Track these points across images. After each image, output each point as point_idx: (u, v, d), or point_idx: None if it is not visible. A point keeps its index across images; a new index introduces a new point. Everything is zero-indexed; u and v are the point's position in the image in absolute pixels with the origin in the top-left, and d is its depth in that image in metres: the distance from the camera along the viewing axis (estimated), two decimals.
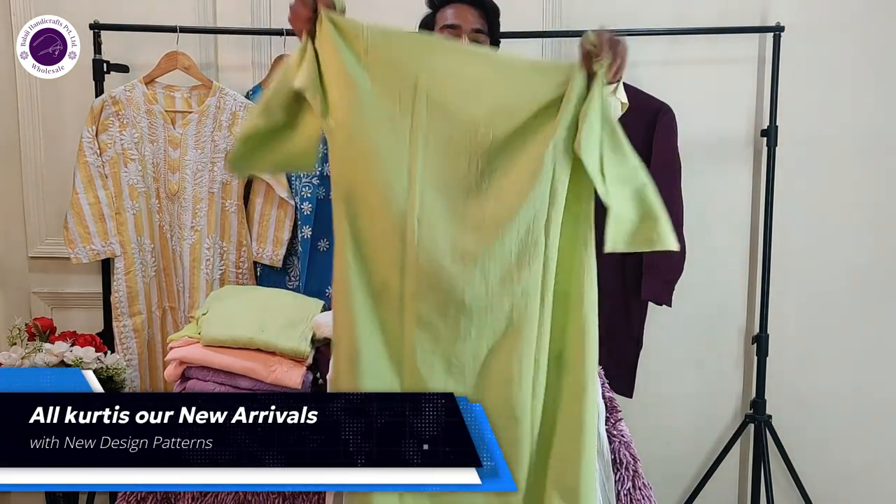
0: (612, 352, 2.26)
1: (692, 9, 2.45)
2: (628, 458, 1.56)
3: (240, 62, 2.49)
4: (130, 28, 2.35)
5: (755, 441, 2.49)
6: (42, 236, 2.56)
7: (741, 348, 2.60)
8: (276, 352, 1.68)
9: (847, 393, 2.58)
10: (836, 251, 2.54)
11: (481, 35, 1.81)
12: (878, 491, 2.62)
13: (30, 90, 2.48)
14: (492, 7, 1.83)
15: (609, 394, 1.67)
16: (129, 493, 1.50)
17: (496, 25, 1.86)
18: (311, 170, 2.21)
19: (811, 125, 2.49)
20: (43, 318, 2.17)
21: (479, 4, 1.81)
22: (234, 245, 2.36)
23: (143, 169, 2.34)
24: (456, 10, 1.81)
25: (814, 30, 2.44)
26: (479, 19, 1.80)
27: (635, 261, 2.35)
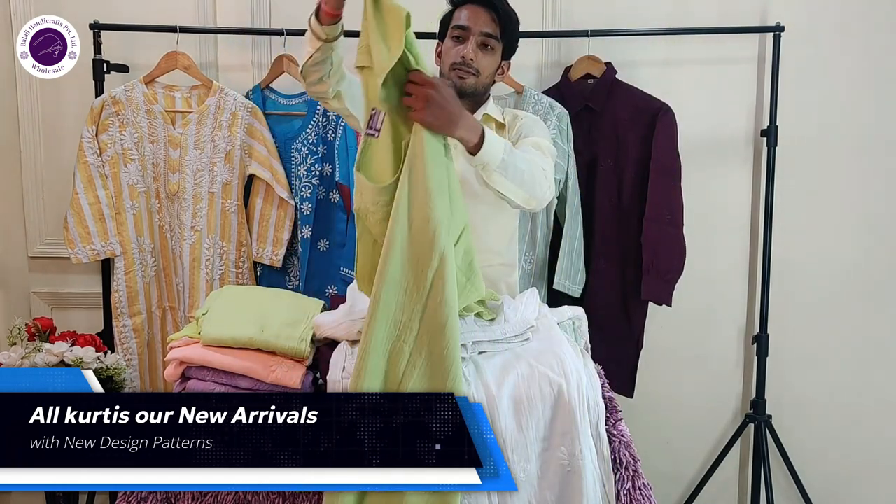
0: (612, 352, 2.27)
1: (692, 9, 2.45)
2: (628, 458, 1.56)
3: (240, 62, 2.49)
4: (130, 28, 2.35)
5: (755, 441, 2.49)
6: (42, 236, 2.56)
7: (741, 348, 2.60)
8: (276, 352, 1.68)
9: (847, 393, 2.58)
10: (836, 251, 2.54)
11: (491, 40, 1.80)
12: (878, 491, 2.62)
13: (30, 90, 2.48)
14: (508, 14, 1.81)
15: (609, 394, 1.67)
16: (129, 493, 1.49)
17: (512, 34, 1.84)
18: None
19: (811, 125, 2.49)
20: (43, 318, 2.17)
21: (495, 8, 1.79)
22: (234, 245, 2.36)
23: (143, 169, 2.34)
24: (470, 12, 1.81)
25: (814, 30, 2.44)
26: (492, 23, 1.79)
27: (635, 261, 2.35)
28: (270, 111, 2.36)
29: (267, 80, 2.37)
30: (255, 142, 2.31)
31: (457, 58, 1.81)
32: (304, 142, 2.34)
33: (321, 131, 2.34)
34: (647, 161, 2.32)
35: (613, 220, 2.37)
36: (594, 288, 2.36)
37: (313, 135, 2.33)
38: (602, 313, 2.30)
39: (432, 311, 1.41)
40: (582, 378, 1.54)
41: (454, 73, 1.82)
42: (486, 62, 1.82)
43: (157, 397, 1.29)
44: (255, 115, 2.31)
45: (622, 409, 1.67)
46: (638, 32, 2.38)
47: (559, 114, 2.29)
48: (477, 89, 1.84)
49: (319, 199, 2.35)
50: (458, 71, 1.81)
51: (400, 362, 1.41)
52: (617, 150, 2.35)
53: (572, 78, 2.37)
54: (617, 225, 2.37)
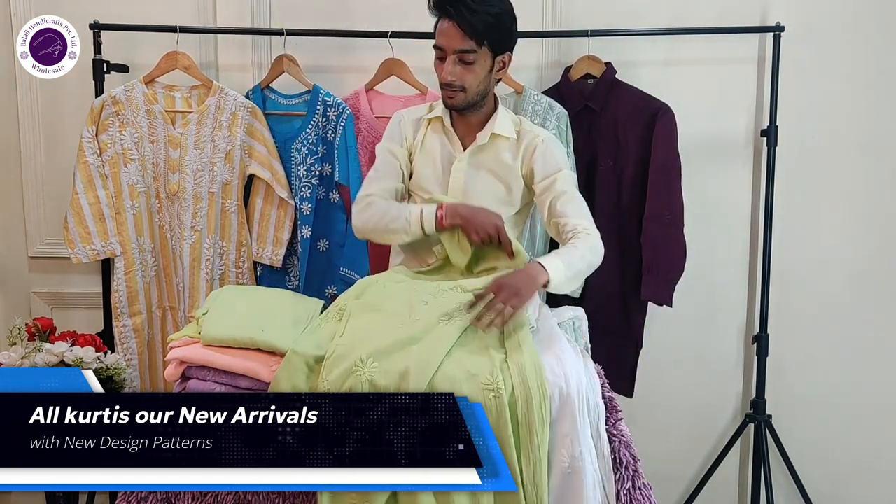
0: (612, 352, 2.27)
1: (692, 9, 2.45)
2: (628, 458, 1.56)
3: (240, 62, 2.49)
4: (130, 28, 2.35)
5: (755, 441, 2.49)
6: (42, 236, 2.55)
7: (741, 348, 2.60)
8: (277, 352, 1.68)
9: (847, 393, 2.58)
10: (836, 251, 2.54)
11: (468, 55, 1.75)
12: (878, 491, 2.62)
13: (30, 90, 2.48)
14: (484, 21, 1.73)
15: (609, 394, 1.67)
16: (129, 493, 1.49)
17: (498, 34, 1.77)
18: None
19: (811, 125, 2.49)
20: (43, 318, 2.17)
21: (466, 21, 1.72)
22: (234, 245, 2.36)
23: (143, 169, 2.34)
24: (443, 29, 1.77)
25: (814, 30, 2.44)
26: (466, 38, 1.73)
27: (635, 261, 2.35)
28: (270, 111, 2.36)
29: (267, 80, 2.36)
30: (255, 142, 2.32)
31: (441, 79, 1.81)
32: (303, 142, 2.34)
33: (321, 131, 2.34)
34: (646, 161, 2.32)
35: (613, 220, 2.37)
36: (594, 288, 2.36)
37: (313, 135, 2.33)
38: (602, 313, 2.30)
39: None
40: (582, 379, 1.54)
41: (443, 92, 1.82)
42: (469, 77, 1.78)
43: (157, 397, 1.29)
44: (255, 115, 2.31)
45: (622, 409, 1.67)
46: (638, 32, 2.38)
47: (559, 114, 2.29)
48: (470, 101, 1.82)
49: (319, 199, 2.35)
50: (446, 91, 1.81)
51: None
52: (617, 150, 2.35)
53: (572, 78, 2.37)
54: (617, 225, 2.37)
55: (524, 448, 1.43)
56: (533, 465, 1.42)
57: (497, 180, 1.88)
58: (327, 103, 2.32)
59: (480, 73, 1.79)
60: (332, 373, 1.46)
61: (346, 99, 2.36)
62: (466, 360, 1.48)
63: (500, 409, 1.41)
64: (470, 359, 1.49)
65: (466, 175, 1.87)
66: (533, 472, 1.42)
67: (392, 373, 1.43)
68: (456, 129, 1.90)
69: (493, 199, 1.85)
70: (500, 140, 1.88)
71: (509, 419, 1.42)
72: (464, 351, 1.52)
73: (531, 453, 1.43)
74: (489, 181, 1.87)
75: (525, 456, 1.43)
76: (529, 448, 1.43)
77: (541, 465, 1.43)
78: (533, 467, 1.42)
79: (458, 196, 1.85)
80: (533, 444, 1.42)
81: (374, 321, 1.58)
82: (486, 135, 1.87)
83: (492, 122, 1.88)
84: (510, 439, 1.42)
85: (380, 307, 1.63)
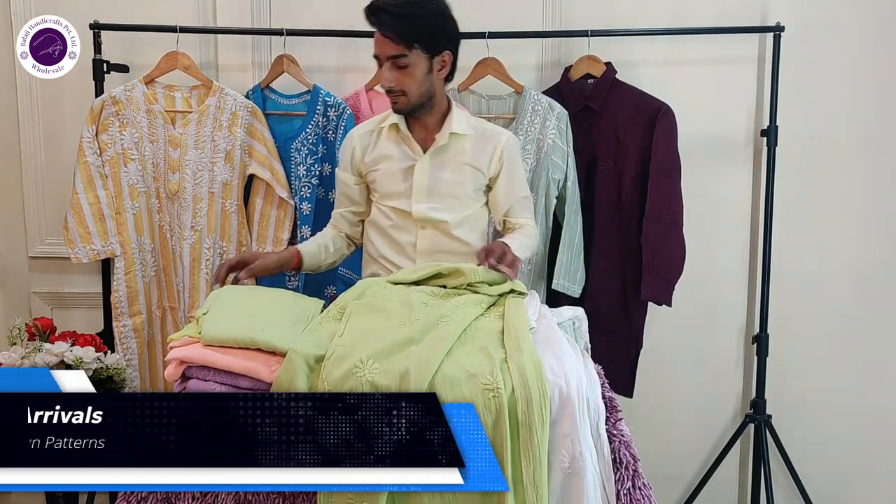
0: (612, 351, 2.27)
1: (692, 9, 2.45)
2: (628, 458, 1.56)
3: (240, 62, 2.49)
4: (130, 28, 2.35)
5: (755, 441, 2.49)
6: (42, 236, 2.56)
7: (741, 348, 2.60)
8: (277, 352, 1.68)
9: (847, 393, 2.58)
10: (835, 251, 2.54)
11: (401, 59, 1.79)
12: (878, 491, 2.62)
13: (30, 90, 2.48)
14: (412, 25, 1.77)
15: (609, 394, 1.67)
16: (129, 493, 1.49)
17: (430, 36, 1.80)
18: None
19: (811, 125, 2.49)
20: (43, 318, 2.17)
21: (390, 28, 1.76)
22: (234, 245, 2.36)
23: (143, 169, 2.34)
24: (376, 38, 1.82)
25: (814, 30, 2.44)
26: (395, 45, 1.78)
27: (635, 261, 2.35)
28: (270, 111, 2.37)
29: (267, 80, 2.37)
30: (255, 142, 2.32)
31: (381, 85, 1.88)
32: (303, 142, 2.34)
33: (321, 131, 2.34)
34: (646, 161, 2.32)
35: (613, 220, 2.37)
36: (594, 288, 2.37)
37: (313, 135, 2.33)
38: (602, 313, 2.30)
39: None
40: (582, 379, 1.54)
41: (389, 98, 1.86)
42: (407, 80, 1.82)
43: (158, 397, 1.29)
44: (255, 114, 2.31)
45: (622, 409, 1.67)
46: (638, 32, 2.38)
47: (559, 113, 2.29)
48: (415, 103, 1.85)
49: (319, 199, 2.35)
50: (389, 97, 1.86)
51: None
52: (617, 150, 2.35)
53: (572, 78, 2.37)
54: (617, 225, 2.37)
55: (524, 448, 1.43)
56: (533, 465, 1.42)
57: (461, 177, 1.92)
58: (327, 103, 2.32)
59: (418, 75, 1.83)
60: (333, 374, 1.46)
61: (346, 99, 2.36)
62: (466, 361, 1.48)
63: (499, 409, 1.41)
64: (470, 359, 1.49)
65: (430, 175, 1.91)
66: (533, 472, 1.42)
67: (392, 373, 1.44)
68: (413, 133, 1.93)
69: (458, 195, 1.91)
70: (460, 138, 1.92)
71: (509, 419, 1.42)
72: (464, 351, 1.52)
73: (531, 453, 1.42)
74: (453, 179, 1.91)
75: (525, 456, 1.43)
76: (529, 448, 1.43)
77: (541, 465, 1.43)
78: (533, 467, 1.42)
79: (422, 196, 1.90)
80: (533, 444, 1.42)
81: (375, 321, 1.59)
82: (444, 135, 1.90)
83: (448, 122, 1.91)
84: (510, 439, 1.42)
85: (380, 307, 1.64)
